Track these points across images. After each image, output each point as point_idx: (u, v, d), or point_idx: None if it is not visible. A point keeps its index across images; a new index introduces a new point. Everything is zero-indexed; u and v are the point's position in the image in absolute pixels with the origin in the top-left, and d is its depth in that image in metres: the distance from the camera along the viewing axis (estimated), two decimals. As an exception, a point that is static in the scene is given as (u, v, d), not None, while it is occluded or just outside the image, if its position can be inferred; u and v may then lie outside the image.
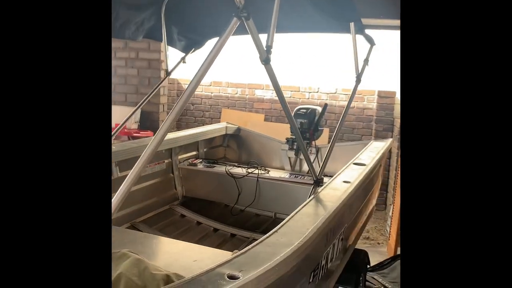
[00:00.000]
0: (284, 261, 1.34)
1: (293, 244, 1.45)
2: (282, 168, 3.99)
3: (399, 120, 5.39)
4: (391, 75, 5.50)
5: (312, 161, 4.08)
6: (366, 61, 2.87)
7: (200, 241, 3.08)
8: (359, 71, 2.80)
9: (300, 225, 1.69)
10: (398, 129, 5.31)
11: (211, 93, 6.53)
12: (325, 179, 2.39)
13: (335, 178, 2.43)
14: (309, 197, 2.12)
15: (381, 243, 4.60)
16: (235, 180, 3.52)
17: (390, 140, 3.88)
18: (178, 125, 6.46)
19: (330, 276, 2.19)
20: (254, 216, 3.64)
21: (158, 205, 3.44)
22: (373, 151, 3.27)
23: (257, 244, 1.45)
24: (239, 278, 1.19)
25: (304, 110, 3.88)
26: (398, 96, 5.70)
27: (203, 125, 5.09)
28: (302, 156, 3.92)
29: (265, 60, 1.71)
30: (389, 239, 4.42)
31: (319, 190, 2.16)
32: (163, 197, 3.52)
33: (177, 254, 1.93)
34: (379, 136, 5.60)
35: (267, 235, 1.54)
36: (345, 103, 6.00)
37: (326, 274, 2.01)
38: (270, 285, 1.28)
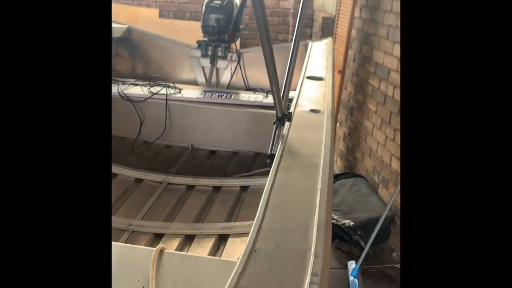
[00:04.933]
0: None
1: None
2: (195, 83, 3.05)
3: (320, 14, 4.62)
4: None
5: (233, 72, 3.25)
6: None
7: None
8: None
9: (299, 224, 0.88)
10: (319, 24, 4.56)
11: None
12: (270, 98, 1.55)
13: (296, 104, 1.62)
14: (275, 143, 1.31)
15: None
16: (133, 105, 2.52)
17: (330, 39, 3.11)
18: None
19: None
20: (164, 149, 2.75)
21: None
22: (320, 57, 2.49)
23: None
24: None
25: (219, 2, 2.87)
26: (317, -16, 4.84)
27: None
28: (220, 65, 3.00)
29: None
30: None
31: (285, 134, 1.33)
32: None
33: None
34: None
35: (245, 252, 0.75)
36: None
37: None
38: None
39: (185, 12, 5.02)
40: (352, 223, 2.69)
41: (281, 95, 1.37)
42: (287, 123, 1.37)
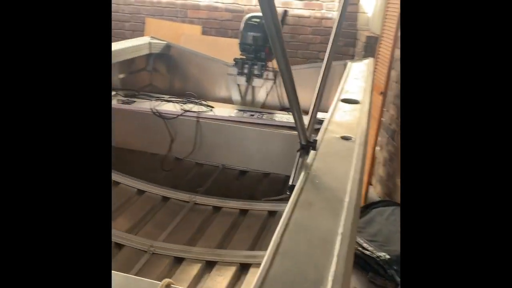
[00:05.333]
0: None
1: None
2: (230, 101, 2.99)
3: (363, 33, 4.48)
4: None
5: (268, 91, 3.18)
6: None
7: (119, 210, 2.20)
8: None
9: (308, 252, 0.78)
10: (362, 44, 4.41)
11: (131, -3, 5.08)
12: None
13: (325, 129, 1.50)
14: (296, 173, 1.20)
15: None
16: (165, 121, 2.49)
17: (371, 60, 2.97)
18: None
19: None
20: (195, 166, 2.70)
21: None
22: (358, 78, 2.35)
23: None
24: None
25: (258, 20, 2.83)
26: (362, 2, 4.71)
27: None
28: (255, 83, 2.93)
29: None
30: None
31: (310, 163, 1.22)
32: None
33: None
34: (339, 53, 4.69)
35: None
36: (301, 11, 4.92)
37: None
38: None
39: (227, 29, 5.03)
40: (387, 256, 2.50)
41: (309, 119, 1.27)
42: (312, 151, 1.25)
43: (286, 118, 2.56)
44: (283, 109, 2.86)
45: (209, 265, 1.86)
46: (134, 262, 1.85)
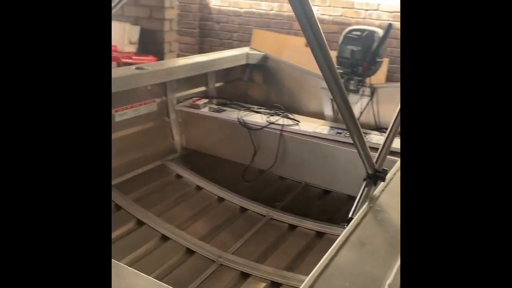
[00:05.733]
0: None
1: None
2: (321, 116, 2.88)
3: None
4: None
5: (363, 108, 2.99)
6: None
7: (197, 216, 2.23)
8: None
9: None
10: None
11: (241, 8, 5.25)
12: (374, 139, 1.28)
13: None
14: (359, 205, 1.06)
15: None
16: (250, 132, 2.48)
17: None
18: (200, 48, 5.32)
19: None
20: (276, 180, 2.64)
21: (147, 161, 2.53)
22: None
23: None
24: None
25: (358, 33, 2.69)
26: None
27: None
28: (350, 99, 2.76)
29: None
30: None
31: (376, 195, 1.07)
32: (153, 149, 2.60)
33: None
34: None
35: None
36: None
37: None
38: None
39: (332, 42, 4.90)
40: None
41: (382, 145, 1.12)
42: (382, 183, 1.10)
43: (378, 139, 2.36)
44: (378, 129, 2.65)
45: (274, 286, 1.78)
46: (202, 270, 1.85)
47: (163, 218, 2.14)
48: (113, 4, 1.14)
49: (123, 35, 3.79)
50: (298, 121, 2.53)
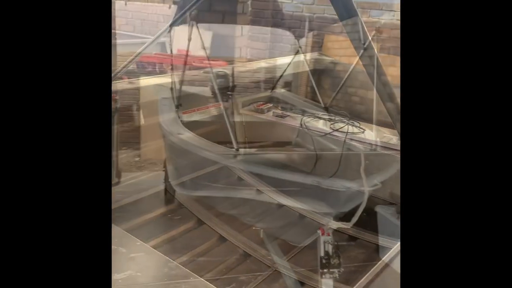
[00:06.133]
0: None
1: None
2: (391, 125, 2.75)
3: None
4: None
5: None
6: None
7: (255, 219, 2.27)
8: None
9: None
10: None
11: (314, 14, 5.20)
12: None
13: None
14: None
15: None
16: (312, 139, 2.44)
17: None
18: (270, 53, 5.35)
19: None
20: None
21: (210, 162, 2.59)
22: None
23: None
24: None
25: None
26: None
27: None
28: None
29: None
30: None
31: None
32: (216, 151, 2.65)
33: None
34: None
35: None
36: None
37: None
38: None
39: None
40: None
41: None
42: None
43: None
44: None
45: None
46: (256, 275, 1.86)
47: (222, 219, 2.18)
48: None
49: (195, 40, 3.91)
50: (364, 129, 2.44)
